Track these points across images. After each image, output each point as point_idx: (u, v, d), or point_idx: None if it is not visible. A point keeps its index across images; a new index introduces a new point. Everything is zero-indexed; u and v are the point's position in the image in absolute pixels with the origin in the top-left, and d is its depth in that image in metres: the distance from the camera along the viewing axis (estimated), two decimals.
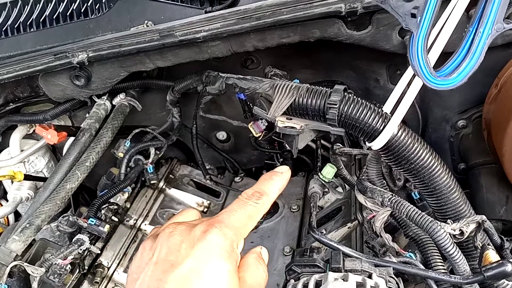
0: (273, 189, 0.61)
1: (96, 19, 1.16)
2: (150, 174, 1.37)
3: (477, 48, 0.62)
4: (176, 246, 0.52)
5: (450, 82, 0.64)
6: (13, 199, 1.37)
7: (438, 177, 0.77)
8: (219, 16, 1.01)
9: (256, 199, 0.59)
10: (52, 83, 1.20)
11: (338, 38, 1.04)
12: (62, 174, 1.15)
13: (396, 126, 0.75)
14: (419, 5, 0.61)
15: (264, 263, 0.58)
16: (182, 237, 0.52)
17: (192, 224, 0.55)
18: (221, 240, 0.52)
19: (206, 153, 1.59)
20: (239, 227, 0.55)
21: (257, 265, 0.56)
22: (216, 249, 0.51)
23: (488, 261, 0.71)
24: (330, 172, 1.13)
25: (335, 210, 1.22)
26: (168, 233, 0.54)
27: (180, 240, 0.52)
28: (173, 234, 0.53)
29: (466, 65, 0.63)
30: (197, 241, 0.51)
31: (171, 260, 0.50)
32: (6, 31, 1.19)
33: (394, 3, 0.63)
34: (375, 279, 0.68)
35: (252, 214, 0.57)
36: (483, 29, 0.62)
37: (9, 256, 0.96)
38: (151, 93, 1.45)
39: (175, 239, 0.53)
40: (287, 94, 0.85)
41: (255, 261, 0.57)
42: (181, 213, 0.63)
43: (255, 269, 0.56)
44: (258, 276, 0.55)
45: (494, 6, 0.61)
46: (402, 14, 0.63)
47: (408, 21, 0.63)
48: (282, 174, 0.63)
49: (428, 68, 0.63)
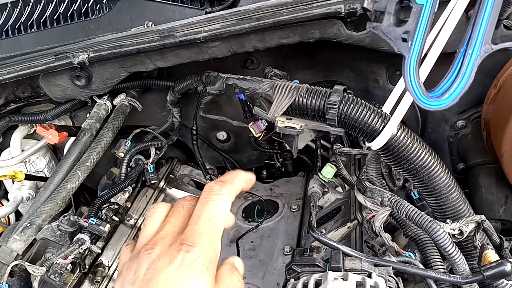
0: (237, 179, 0.61)
1: (96, 19, 1.17)
2: (151, 174, 1.37)
3: (467, 69, 0.64)
4: (154, 264, 0.51)
5: (442, 102, 0.66)
6: (14, 198, 1.38)
7: (438, 177, 0.77)
8: (219, 17, 1.01)
9: (219, 189, 0.58)
10: (52, 83, 1.21)
11: (337, 39, 1.04)
12: (63, 174, 1.15)
13: (395, 126, 0.75)
14: (409, 29, 0.63)
15: (239, 272, 0.57)
16: (160, 255, 0.52)
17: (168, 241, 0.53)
18: (196, 256, 0.51)
19: (206, 153, 1.59)
20: (211, 231, 0.54)
21: (231, 275, 0.56)
22: (192, 266, 0.50)
23: (488, 260, 0.71)
24: (330, 172, 1.13)
25: (335, 210, 1.22)
26: (145, 253, 0.53)
27: (157, 258, 0.51)
28: (151, 254, 0.52)
29: (456, 86, 0.66)
30: (174, 258, 0.50)
31: (148, 279, 0.50)
32: (7, 31, 1.20)
33: (386, 28, 0.65)
34: (375, 278, 0.68)
35: (219, 209, 0.56)
36: (471, 50, 0.64)
37: (10, 255, 0.96)
38: (152, 93, 1.46)
39: (152, 258, 0.52)
40: (287, 95, 0.86)
41: (229, 272, 0.56)
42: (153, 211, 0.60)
43: (229, 279, 0.55)
44: (233, 286, 0.55)
45: (482, 28, 0.63)
46: (394, 39, 0.66)
47: (400, 45, 0.65)
48: (247, 172, 0.63)
49: (421, 90, 0.66)
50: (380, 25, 0.65)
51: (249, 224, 1.35)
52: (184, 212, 0.57)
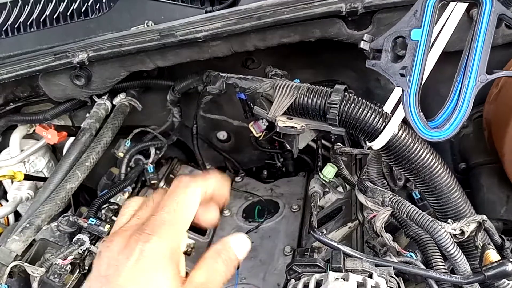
0: (209, 177, 0.59)
1: (96, 18, 1.16)
2: (151, 174, 1.37)
3: (464, 99, 0.67)
4: (113, 260, 0.49)
5: (443, 133, 0.68)
6: (13, 199, 1.37)
7: (439, 177, 0.77)
8: (219, 16, 1.01)
9: (189, 182, 0.55)
10: (52, 83, 1.20)
11: (338, 38, 1.04)
12: (62, 174, 1.15)
13: (396, 125, 0.75)
14: (407, 65, 0.66)
15: (230, 255, 0.53)
16: (119, 248, 0.49)
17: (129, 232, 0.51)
18: (155, 246, 0.49)
19: (206, 153, 1.59)
20: (175, 222, 0.52)
21: (215, 258, 0.52)
22: (152, 257, 0.48)
23: (489, 260, 0.71)
24: (331, 172, 1.13)
25: (336, 210, 1.22)
26: (105, 248, 0.51)
27: (117, 252, 0.49)
28: (110, 247, 0.50)
29: (456, 116, 0.68)
30: (132, 251, 0.48)
31: (108, 276, 0.48)
32: (6, 31, 1.19)
33: (384, 65, 0.68)
34: (376, 278, 0.68)
35: (187, 201, 0.54)
36: (467, 81, 0.66)
37: (9, 256, 0.96)
38: (152, 93, 1.45)
39: (111, 252, 0.50)
40: (287, 94, 0.85)
41: (214, 253, 0.53)
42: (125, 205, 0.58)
43: (210, 264, 0.52)
44: (214, 272, 0.51)
45: (475, 61, 0.65)
46: (392, 74, 0.68)
47: (398, 80, 0.68)
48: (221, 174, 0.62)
49: (421, 122, 0.68)
50: (379, 62, 0.68)
51: (249, 224, 1.35)
52: (153, 204, 0.55)
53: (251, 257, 1.24)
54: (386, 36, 0.66)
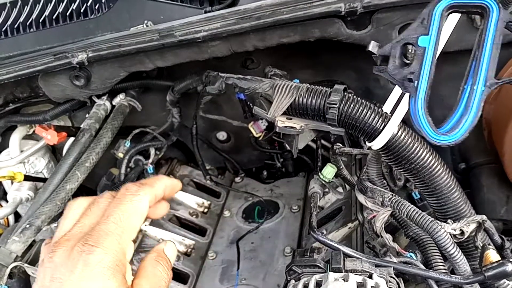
0: (157, 182, 0.58)
1: (95, 19, 1.16)
2: (150, 175, 1.37)
3: (473, 104, 0.66)
4: (57, 272, 0.48)
5: (452, 137, 0.68)
6: (13, 200, 1.37)
7: (439, 177, 0.77)
8: (218, 16, 1.01)
9: (136, 190, 0.55)
10: (51, 84, 1.20)
11: (338, 38, 1.04)
12: (62, 175, 1.15)
13: (396, 125, 0.74)
14: (414, 70, 0.66)
15: (167, 261, 0.54)
16: (62, 260, 0.48)
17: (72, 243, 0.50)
18: (99, 258, 0.48)
19: (206, 154, 1.59)
20: (121, 232, 0.51)
21: (154, 266, 0.53)
22: (97, 269, 0.47)
23: (489, 261, 0.71)
24: (331, 172, 1.12)
25: (336, 210, 1.21)
26: (48, 258, 0.50)
27: (60, 264, 0.48)
28: (52, 258, 0.49)
29: (465, 121, 0.67)
30: (76, 264, 0.47)
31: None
32: (5, 31, 1.19)
33: (392, 71, 0.68)
34: (376, 279, 0.68)
35: (133, 210, 0.53)
36: (476, 86, 0.66)
37: (9, 257, 0.96)
38: (151, 93, 1.45)
39: (54, 264, 0.49)
40: (287, 94, 0.85)
41: (153, 261, 0.53)
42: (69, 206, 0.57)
43: (151, 271, 0.52)
44: (156, 278, 0.52)
45: (484, 65, 0.66)
46: (400, 80, 0.68)
47: (406, 85, 0.67)
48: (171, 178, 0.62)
49: (431, 127, 0.68)
50: (386, 68, 0.68)
51: (249, 225, 1.35)
52: (98, 211, 0.54)
53: (251, 257, 1.24)
54: (393, 43, 0.67)
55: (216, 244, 1.31)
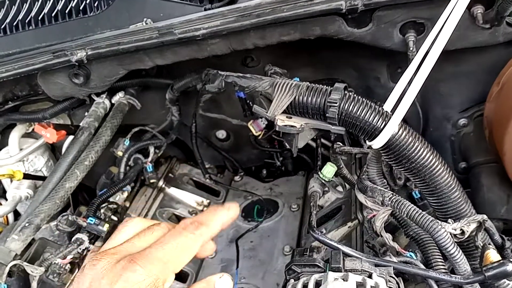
0: (215, 221, 0.59)
1: (95, 16, 1.16)
2: (150, 173, 1.37)
3: None
4: (96, 281, 0.49)
5: None
6: (12, 198, 1.37)
7: (439, 176, 0.76)
8: (218, 14, 1.00)
9: (194, 229, 0.56)
10: (51, 82, 1.20)
11: (338, 36, 1.03)
12: (61, 173, 1.14)
13: (396, 124, 0.74)
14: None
15: None
16: (104, 271, 0.49)
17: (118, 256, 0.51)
18: (140, 278, 0.48)
19: (205, 152, 1.58)
20: (168, 261, 0.51)
21: None
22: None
23: (489, 260, 0.70)
24: (330, 171, 1.12)
25: (335, 209, 1.21)
26: (91, 265, 0.50)
27: (101, 275, 0.49)
28: (95, 266, 0.50)
29: None
30: (117, 278, 0.48)
31: None
32: (4, 29, 1.19)
33: None
34: (375, 279, 0.68)
35: (186, 245, 0.54)
36: None
37: (9, 255, 0.95)
38: (150, 92, 1.45)
39: (95, 272, 0.49)
40: (287, 93, 0.85)
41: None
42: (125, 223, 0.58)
43: None
44: None
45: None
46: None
47: None
48: (228, 209, 0.61)
49: None
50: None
51: (248, 223, 1.35)
52: (151, 237, 0.55)
53: (250, 256, 1.24)
54: None
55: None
